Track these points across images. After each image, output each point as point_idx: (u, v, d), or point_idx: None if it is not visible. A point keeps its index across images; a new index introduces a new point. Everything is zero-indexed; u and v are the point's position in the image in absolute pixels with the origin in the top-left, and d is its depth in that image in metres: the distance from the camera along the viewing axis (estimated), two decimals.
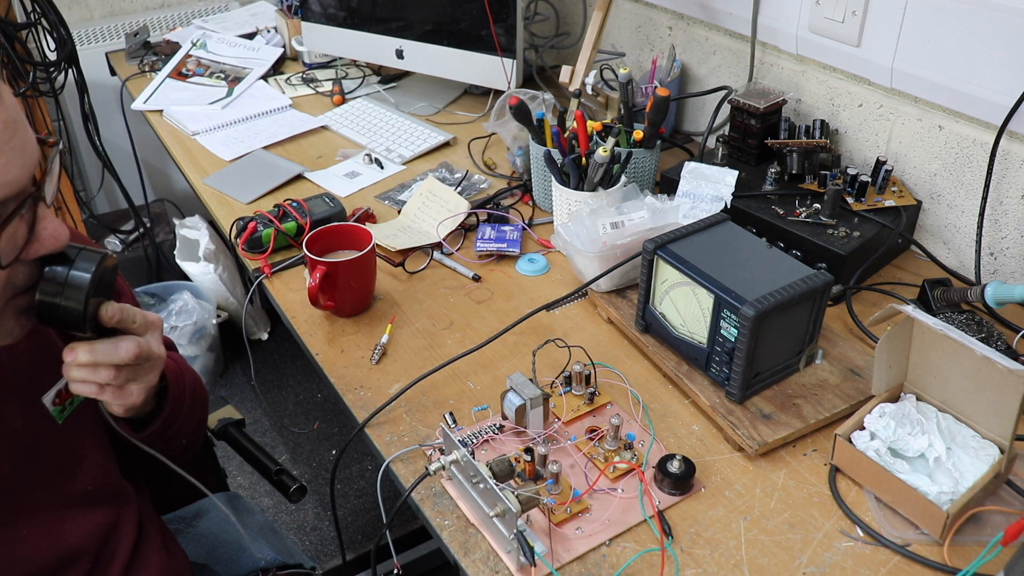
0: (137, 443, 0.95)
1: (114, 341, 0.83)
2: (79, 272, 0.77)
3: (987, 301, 1.11)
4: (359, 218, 1.45)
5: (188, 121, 1.86)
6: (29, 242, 0.74)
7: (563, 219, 1.33)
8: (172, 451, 0.98)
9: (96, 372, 0.83)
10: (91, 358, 0.82)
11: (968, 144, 1.26)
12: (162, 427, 0.97)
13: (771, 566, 0.87)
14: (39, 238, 0.75)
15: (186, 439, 1.05)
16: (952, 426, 0.95)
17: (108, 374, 0.83)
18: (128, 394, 0.87)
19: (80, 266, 0.78)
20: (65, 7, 2.34)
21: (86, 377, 0.83)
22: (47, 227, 0.75)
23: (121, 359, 0.83)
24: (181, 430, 1.01)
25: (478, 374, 1.13)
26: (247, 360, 2.60)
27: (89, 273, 0.78)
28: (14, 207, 0.71)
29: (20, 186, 0.71)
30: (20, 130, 0.71)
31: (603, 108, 1.67)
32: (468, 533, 0.91)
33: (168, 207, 2.74)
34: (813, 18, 1.40)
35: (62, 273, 0.77)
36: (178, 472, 0.95)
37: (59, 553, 0.92)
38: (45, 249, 0.75)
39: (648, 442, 1.01)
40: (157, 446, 0.96)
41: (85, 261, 0.78)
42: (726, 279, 1.01)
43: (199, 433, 1.13)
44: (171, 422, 0.98)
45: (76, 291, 0.77)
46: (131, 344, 0.83)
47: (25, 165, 0.72)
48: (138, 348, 0.83)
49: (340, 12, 1.93)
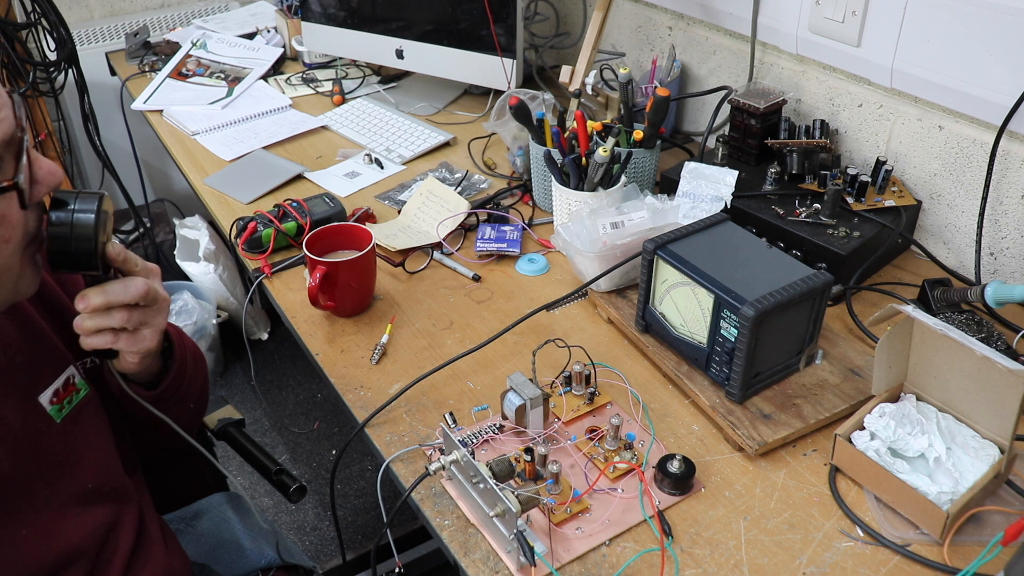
0: (150, 407, 0.96)
1: (124, 281, 0.86)
2: (82, 212, 0.82)
3: (987, 301, 1.11)
4: (359, 218, 1.45)
5: (188, 121, 1.86)
6: (32, 185, 0.78)
7: (563, 219, 1.33)
8: (182, 416, 1.00)
9: (110, 316, 0.86)
10: (104, 299, 0.85)
11: (968, 144, 1.26)
12: (172, 384, 0.99)
13: (771, 566, 0.87)
14: (38, 178, 0.78)
15: (192, 402, 1.07)
16: (952, 426, 0.95)
17: (122, 316, 0.86)
18: (142, 338, 0.89)
19: (81, 206, 0.82)
20: (65, 7, 2.34)
21: (100, 323, 0.86)
22: (43, 166, 0.79)
23: (133, 297, 0.86)
24: (188, 391, 1.04)
25: (478, 374, 1.13)
26: (247, 360, 2.60)
27: (92, 211, 0.82)
28: (16, 148, 0.75)
29: (12, 126, 0.75)
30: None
31: (603, 108, 1.67)
32: (468, 533, 0.91)
33: (168, 207, 2.74)
34: (813, 18, 1.40)
35: (67, 215, 0.81)
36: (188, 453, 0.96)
37: (59, 552, 0.92)
38: (47, 185, 0.79)
39: (648, 442, 1.01)
40: (168, 410, 0.98)
41: (85, 202, 0.82)
42: (726, 279, 1.01)
43: (203, 397, 1.15)
44: (179, 381, 1.01)
45: (84, 228, 0.82)
46: (140, 282, 0.87)
47: (9, 105, 0.75)
48: (147, 286, 0.87)
49: (340, 12, 1.93)
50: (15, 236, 0.77)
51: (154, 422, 0.98)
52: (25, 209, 0.76)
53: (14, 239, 0.77)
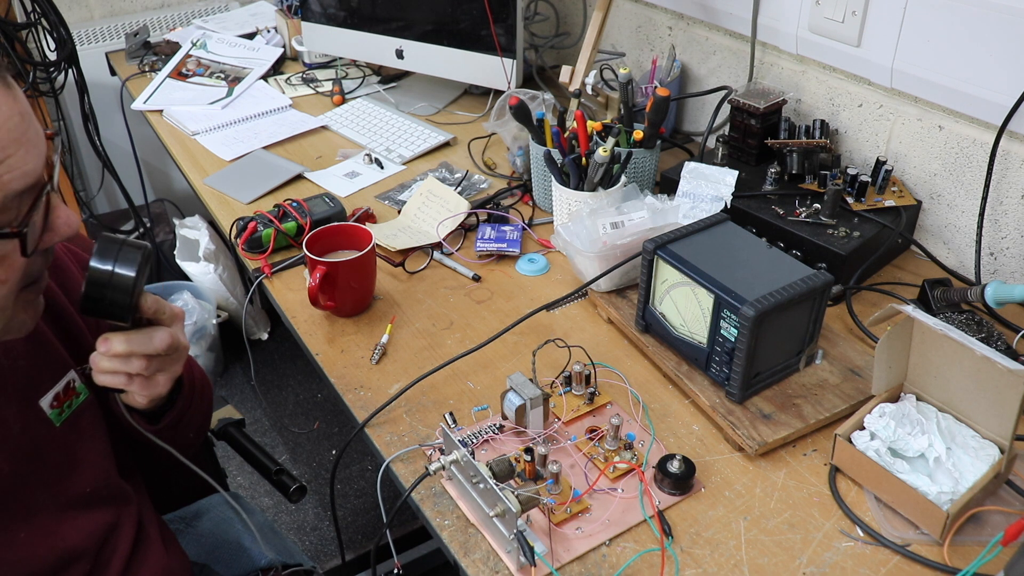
0: (150, 436, 0.96)
1: (149, 331, 0.85)
2: (125, 266, 0.81)
3: (987, 301, 1.11)
4: (359, 218, 1.45)
5: (188, 121, 1.86)
6: (44, 231, 0.77)
7: (563, 219, 1.33)
8: (179, 444, 0.99)
9: (128, 362, 0.85)
10: (127, 348, 0.84)
11: (968, 144, 1.26)
12: (176, 418, 0.99)
13: (771, 566, 0.87)
14: (53, 227, 0.77)
15: (193, 432, 1.06)
16: (952, 426, 0.95)
17: (140, 364, 0.85)
18: (155, 384, 0.89)
19: (125, 259, 0.81)
20: (65, 7, 2.34)
21: (117, 367, 0.85)
22: (60, 216, 0.77)
23: (155, 349, 0.85)
24: (191, 422, 1.03)
25: (478, 374, 1.13)
26: (247, 360, 2.60)
27: (135, 267, 0.81)
28: (34, 196, 0.74)
29: (37, 176, 0.74)
30: (33, 122, 0.74)
31: (603, 108, 1.67)
32: (468, 533, 0.91)
33: (168, 207, 2.74)
34: (813, 18, 1.40)
35: (109, 267, 0.80)
36: (186, 465, 0.96)
37: (58, 554, 0.92)
38: (60, 236, 0.78)
39: (648, 442, 1.01)
40: (168, 438, 0.97)
41: (128, 256, 0.81)
42: (726, 279, 1.01)
43: (205, 426, 1.15)
44: (184, 414, 1.00)
45: (123, 283, 0.81)
46: (165, 334, 0.86)
47: (39, 155, 0.74)
48: (171, 338, 0.86)
49: (340, 12, 1.93)
50: (12, 279, 0.75)
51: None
52: (27, 256, 0.74)
53: (11, 281, 0.75)
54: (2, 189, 0.70)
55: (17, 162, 0.71)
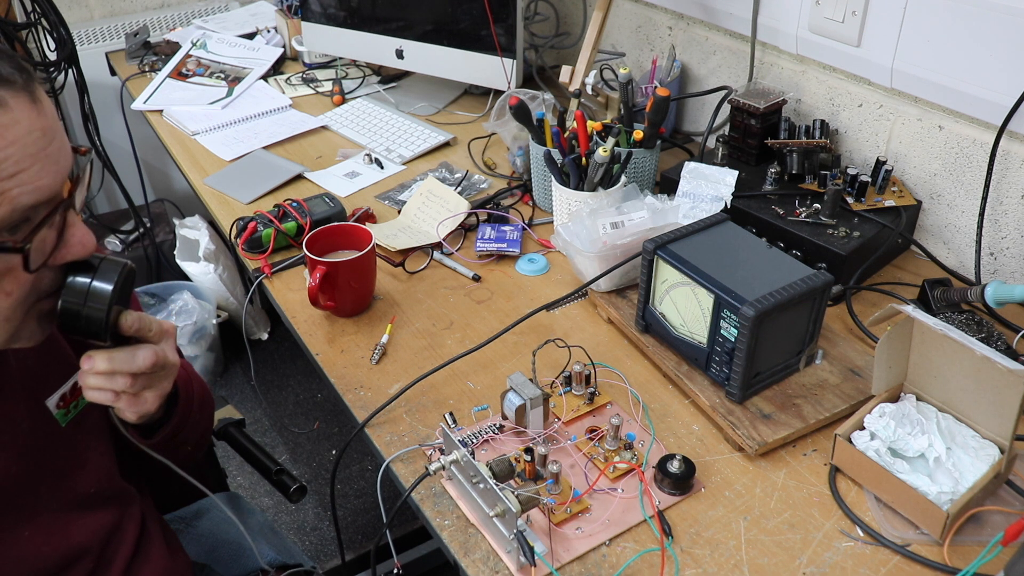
0: (145, 449, 0.95)
1: (132, 349, 0.83)
2: (101, 282, 0.78)
3: (987, 301, 1.11)
4: (359, 218, 1.45)
5: (188, 121, 1.86)
6: (57, 247, 0.75)
7: (563, 219, 1.33)
8: (177, 456, 0.98)
9: (113, 380, 0.83)
10: (109, 366, 0.82)
11: (968, 144, 1.26)
12: (171, 434, 0.97)
13: (771, 566, 0.87)
14: (67, 244, 0.76)
15: (191, 446, 1.05)
16: (952, 426, 0.95)
17: (125, 382, 0.84)
18: (143, 401, 0.87)
19: (103, 276, 0.78)
20: (65, 7, 2.34)
21: (102, 385, 0.84)
22: (75, 234, 0.76)
23: (139, 367, 0.83)
24: (188, 437, 1.02)
25: (478, 374, 1.13)
26: (247, 360, 2.60)
27: (112, 283, 0.79)
28: (46, 213, 0.73)
29: (52, 192, 0.73)
30: (57, 138, 0.73)
31: (603, 108, 1.67)
32: (468, 533, 0.91)
33: (168, 207, 2.74)
34: (813, 18, 1.40)
35: (84, 282, 0.78)
36: (180, 474, 0.95)
37: (62, 552, 0.93)
38: (72, 255, 0.77)
39: (648, 442, 1.01)
40: (163, 451, 0.96)
41: (107, 271, 0.79)
42: (726, 279, 1.01)
43: (204, 440, 1.14)
44: (179, 429, 0.99)
45: (98, 300, 0.78)
46: (148, 352, 0.84)
47: (58, 172, 0.73)
48: (155, 356, 0.84)
49: (340, 12, 1.93)
50: (18, 292, 0.74)
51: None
52: (29, 272, 0.73)
53: (16, 294, 0.74)
54: (10, 203, 0.69)
55: (30, 177, 0.70)
